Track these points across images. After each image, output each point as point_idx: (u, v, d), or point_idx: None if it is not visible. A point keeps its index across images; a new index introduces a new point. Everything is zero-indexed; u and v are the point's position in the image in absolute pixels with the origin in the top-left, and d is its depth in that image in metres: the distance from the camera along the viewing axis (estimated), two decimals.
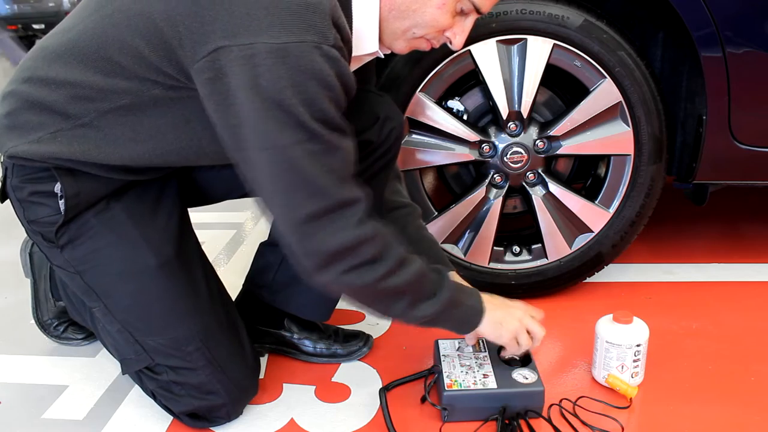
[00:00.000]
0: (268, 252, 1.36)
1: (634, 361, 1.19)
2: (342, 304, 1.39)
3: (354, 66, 1.05)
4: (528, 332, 1.15)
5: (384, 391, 1.20)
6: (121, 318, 1.10)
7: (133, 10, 0.93)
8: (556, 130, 1.45)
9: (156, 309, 1.10)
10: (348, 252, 0.94)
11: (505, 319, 1.13)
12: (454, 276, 1.22)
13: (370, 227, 0.97)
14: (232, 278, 1.39)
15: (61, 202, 1.04)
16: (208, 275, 1.19)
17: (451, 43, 1.03)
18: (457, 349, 1.24)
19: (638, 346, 1.18)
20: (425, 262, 1.06)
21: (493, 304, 1.13)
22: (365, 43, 0.99)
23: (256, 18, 0.84)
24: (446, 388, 1.13)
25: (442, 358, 1.21)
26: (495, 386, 1.13)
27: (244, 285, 1.40)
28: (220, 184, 1.26)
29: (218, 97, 0.88)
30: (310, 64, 0.85)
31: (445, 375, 1.16)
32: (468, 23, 1.01)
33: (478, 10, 0.99)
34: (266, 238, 1.37)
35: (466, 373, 1.16)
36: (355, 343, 1.37)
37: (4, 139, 1.03)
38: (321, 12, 0.85)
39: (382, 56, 1.06)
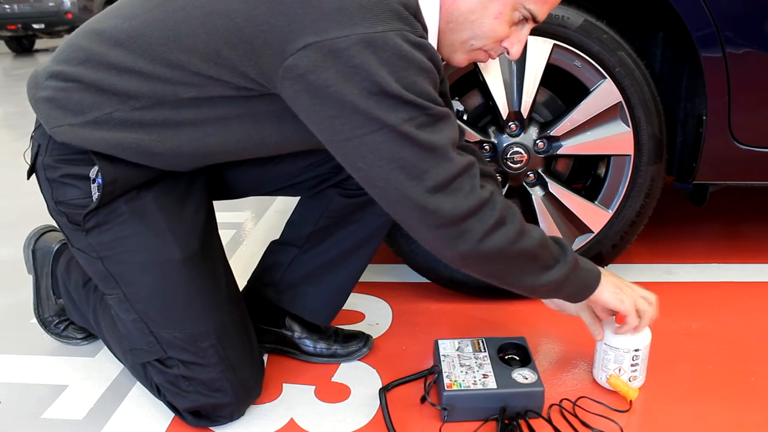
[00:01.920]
0: (279, 251, 1.36)
1: (632, 365, 1.19)
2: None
3: None
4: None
5: (384, 391, 1.20)
6: (138, 308, 1.10)
7: (208, 7, 0.92)
8: (556, 131, 1.45)
9: (176, 302, 1.09)
10: (477, 215, 0.95)
11: (623, 285, 1.14)
12: None
13: (488, 190, 0.97)
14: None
15: (94, 187, 1.03)
16: (228, 273, 1.19)
17: (508, 53, 1.02)
18: (457, 349, 1.24)
19: (636, 350, 1.18)
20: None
21: (605, 273, 1.14)
22: None
23: (348, 12, 0.85)
24: (446, 388, 1.13)
25: (442, 358, 1.21)
26: (495, 386, 1.13)
27: (248, 282, 1.40)
28: (245, 181, 1.26)
29: (313, 92, 0.87)
30: (403, 49, 0.86)
31: (444, 375, 1.16)
32: (524, 32, 1.01)
33: (534, 19, 0.98)
34: (280, 237, 1.37)
35: (465, 373, 1.16)
36: (355, 344, 1.37)
37: (55, 113, 1.01)
38: (408, 7, 0.88)
39: None
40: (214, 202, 1.24)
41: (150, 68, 0.95)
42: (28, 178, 1.12)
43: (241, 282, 1.40)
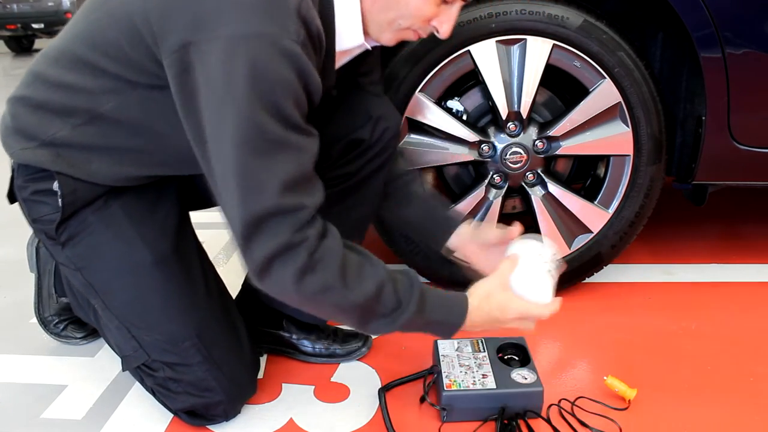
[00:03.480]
0: None
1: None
2: None
3: (343, 59, 1.05)
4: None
5: (383, 391, 1.20)
6: (118, 314, 1.12)
7: (118, 13, 0.94)
8: (556, 131, 1.45)
9: (152, 304, 1.10)
10: (280, 259, 0.88)
11: (494, 318, 1.07)
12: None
13: (311, 235, 0.90)
14: (231, 278, 1.39)
15: (60, 200, 1.06)
16: (207, 273, 1.19)
17: (438, 32, 1.02)
18: (456, 350, 1.24)
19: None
20: (388, 272, 0.99)
21: (472, 305, 1.05)
22: (349, 37, 0.99)
23: (221, 12, 0.83)
24: (445, 389, 1.13)
25: (441, 359, 1.21)
26: (494, 386, 1.13)
27: (243, 284, 1.40)
28: None
29: (182, 93, 0.88)
30: (266, 57, 0.83)
31: (444, 375, 1.16)
32: (454, 11, 1.00)
33: None
34: None
35: (465, 373, 1.16)
36: (354, 343, 1.37)
37: (10, 141, 1.07)
38: (285, 6, 0.84)
39: (369, 48, 1.06)
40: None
41: (78, 80, 0.99)
42: (11, 203, 1.15)
43: (240, 282, 1.40)
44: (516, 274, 1.11)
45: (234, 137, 0.85)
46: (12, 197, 1.14)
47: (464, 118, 1.49)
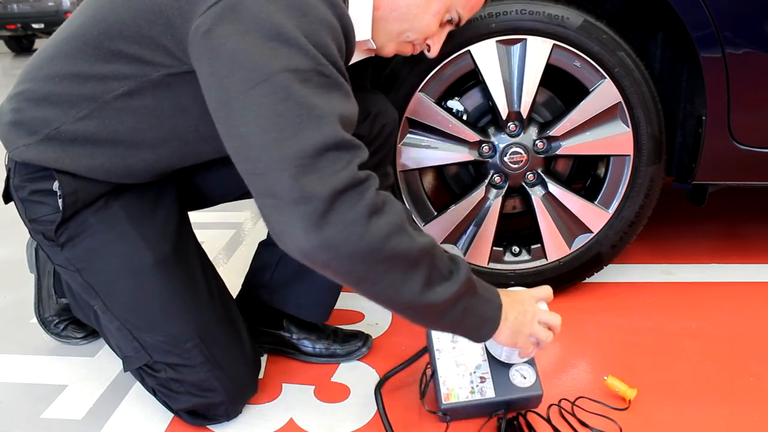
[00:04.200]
0: (265, 251, 1.36)
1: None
2: (341, 304, 1.39)
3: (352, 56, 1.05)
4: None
5: (379, 389, 1.19)
6: (119, 315, 1.11)
7: None
8: (556, 131, 1.45)
9: (153, 306, 1.10)
10: (347, 195, 0.82)
11: (521, 320, 1.03)
12: None
13: (371, 175, 0.87)
14: (232, 278, 1.39)
15: (60, 201, 1.05)
16: (208, 273, 1.19)
17: (429, 50, 1.09)
18: (452, 340, 1.20)
19: None
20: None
21: (506, 302, 1.02)
22: (359, 30, 1.00)
23: None
24: (444, 401, 1.12)
25: (437, 353, 1.18)
26: (493, 395, 1.12)
27: (242, 285, 1.40)
28: (217, 186, 1.26)
29: (211, 51, 0.85)
30: (308, 1, 0.86)
31: (441, 382, 1.14)
32: (444, 33, 1.10)
33: (458, 23, 1.08)
34: (265, 238, 1.37)
35: (462, 377, 1.14)
36: (354, 343, 1.37)
37: (11, 136, 1.04)
38: None
39: (374, 47, 1.07)
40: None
41: (86, 67, 0.98)
42: (6, 203, 1.14)
43: (240, 282, 1.40)
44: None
45: (283, 65, 0.82)
46: (7, 197, 1.13)
47: (464, 117, 1.49)
